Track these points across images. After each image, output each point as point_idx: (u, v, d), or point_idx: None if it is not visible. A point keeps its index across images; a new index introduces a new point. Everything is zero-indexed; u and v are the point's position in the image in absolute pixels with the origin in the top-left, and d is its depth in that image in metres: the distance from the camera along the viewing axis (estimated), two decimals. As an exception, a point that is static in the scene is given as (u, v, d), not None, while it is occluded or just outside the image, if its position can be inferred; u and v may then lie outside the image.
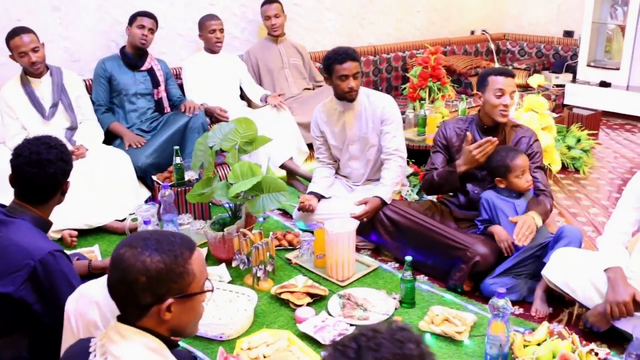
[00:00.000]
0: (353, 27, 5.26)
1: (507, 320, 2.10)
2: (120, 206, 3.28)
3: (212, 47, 4.06)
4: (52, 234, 3.10)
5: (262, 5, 4.39)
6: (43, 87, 3.36)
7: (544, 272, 2.41)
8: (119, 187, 3.33)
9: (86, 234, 3.19)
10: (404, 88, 4.69)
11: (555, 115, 4.77)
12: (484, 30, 6.30)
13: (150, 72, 3.76)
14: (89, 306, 1.61)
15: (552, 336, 2.19)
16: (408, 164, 3.63)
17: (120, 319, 1.30)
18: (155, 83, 3.77)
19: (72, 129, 3.46)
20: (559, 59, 6.07)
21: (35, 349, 1.86)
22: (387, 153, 3.16)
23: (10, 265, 1.77)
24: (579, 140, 4.28)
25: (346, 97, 3.09)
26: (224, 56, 4.18)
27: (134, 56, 3.71)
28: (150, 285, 1.25)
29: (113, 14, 3.81)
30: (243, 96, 4.30)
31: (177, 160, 3.27)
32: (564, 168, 4.22)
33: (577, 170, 4.20)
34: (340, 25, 5.14)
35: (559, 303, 2.50)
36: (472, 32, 6.31)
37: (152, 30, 3.68)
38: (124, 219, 3.19)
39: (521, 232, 2.49)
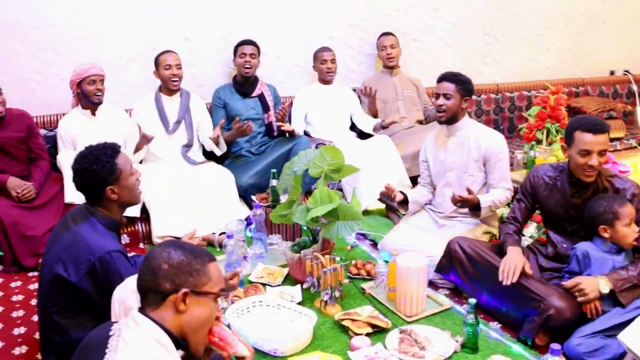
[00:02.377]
0: (474, 63, 5.18)
1: (562, 381, 1.96)
2: (219, 220, 3.52)
3: (324, 77, 4.26)
4: (157, 239, 3.43)
5: (379, 37, 4.53)
6: (172, 104, 3.78)
7: (621, 336, 2.18)
8: (221, 203, 3.60)
9: (186, 243, 3.47)
10: (521, 128, 4.52)
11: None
12: (626, 71, 5.86)
13: (261, 97, 4.04)
14: (129, 294, 1.82)
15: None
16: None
17: (140, 309, 1.47)
18: (266, 108, 4.05)
19: (188, 145, 3.83)
20: None
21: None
22: (493, 186, 3.17)
23: (77, 257, 2.03)
24: None
25: (437, 117, 3.18)
26: (336, 87, 4.35)
27: (244, 84, 4.01)
28: (171, 273, 1.44)
29: (234, 45, 4.13)
30: (353, 127, 4.43)
31: (274, 182, 3.46)
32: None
33: None
34: (461, 61, 5.10)
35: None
36: (612, 73, 5.90)
37: (254, 55, 3.97)
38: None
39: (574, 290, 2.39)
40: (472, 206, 3.08)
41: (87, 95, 3.49)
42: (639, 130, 5.39)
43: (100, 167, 2.10)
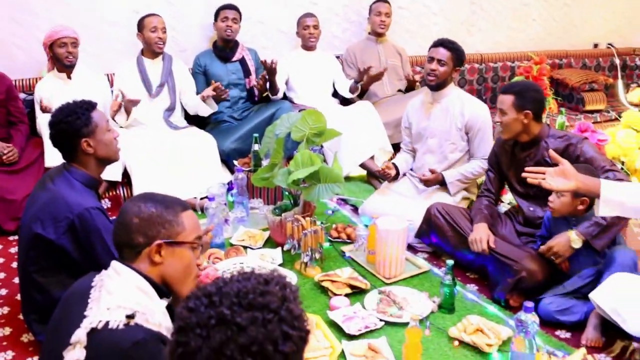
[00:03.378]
0: (460, 33, 5.15)
1: (533, 337, 2.01)
2: (201, 185, 3.52)
3: (306, 44, 4.24)
4: (139, 203, 3.43)
5: (376, 1, 4.47)
6: (154, 68, 3.74)
7: (593, 295, 2.25)
8: (203, 167, 3.59)
9: (168, 207, 3.47)
10: (503, 98, 4.53)
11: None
12: (609, 44, 5.87)
13: (242, 62, 4.02)
14: None
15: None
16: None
17: (119, 259, 1.48)
18: (247, 72, 4.02)
19: (171, 109, 3.80)
20: (695, 78, 5.52)
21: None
22: (475, 157, 3.24)
23: (55, 215, 2.04)
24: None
25: (426, 80, 3.22)
26: (320, 54, 4.33)
27: (224, 48, 3.98)
28: (142, 227, 1.44)
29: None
30: (335, 94, 4.42)
31: (256, 147, 3.46)
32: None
33: (685, 200, 3.81)
34: (447, 31, 5.06)
35: (618, 334, 2.30)
36: (596, 45, 5.91)
37: (236, 20, 3.94)
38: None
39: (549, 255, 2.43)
40: (439, 183, 3.18)
41: (59, 58, 3.44)
42: (620, 103, 5.42)
43: (75, 118, 2.10)
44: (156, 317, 1.39)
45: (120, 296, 1.38)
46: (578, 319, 2.41)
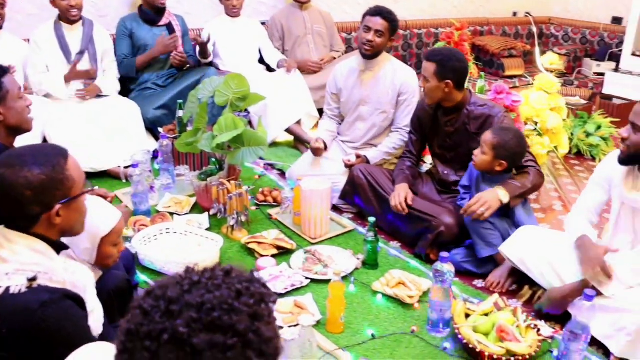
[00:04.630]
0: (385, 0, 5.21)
1: (450, 286, 2.12)
2: (125, 153, 3.43)
3: (229, 12, 4.16)
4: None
5: None
6: (74, 34, 3.55)
7: (502, 247, 2.39)
8: (127, 135, 3.50)
9: (90, 177, 3.37)
10: (427, 63, 4.64)
11: (582, 101, 4.63)
12: (527, 13, 6.10)
13: (169, 27, 3.90)
14: None
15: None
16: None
17: (7, 225, 1.42)
18: (174, 38, 3.92)
19: (91, 78, 3.65)
20: (603, 46, 5.81)
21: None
22: (396, 127, 3.23)
23: None
24: (599, 128, 4.13)
25: (362, 49, 3.15)
26: (244, 21, 4.27)
27: (151, 12, 3.85)
28: (37, 197, 1.38)
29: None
30: (262, 60, 4.39)
31: (180, 113, 3.41)
32: (580, 155, 4.10)
33: (593, 158, 4.07)
34: (372, -3, 5.12)
35: (527, 281, 2.46)
36: (515, 14, 6.13)
37: None
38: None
39: (470, 207, 2.44)
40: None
41: None
42: (537, 69, 5.66)
43: None
44: (59, 274, 1.39)
45: (17, 261, 1.36)
46: (486, 271, 2.54)
